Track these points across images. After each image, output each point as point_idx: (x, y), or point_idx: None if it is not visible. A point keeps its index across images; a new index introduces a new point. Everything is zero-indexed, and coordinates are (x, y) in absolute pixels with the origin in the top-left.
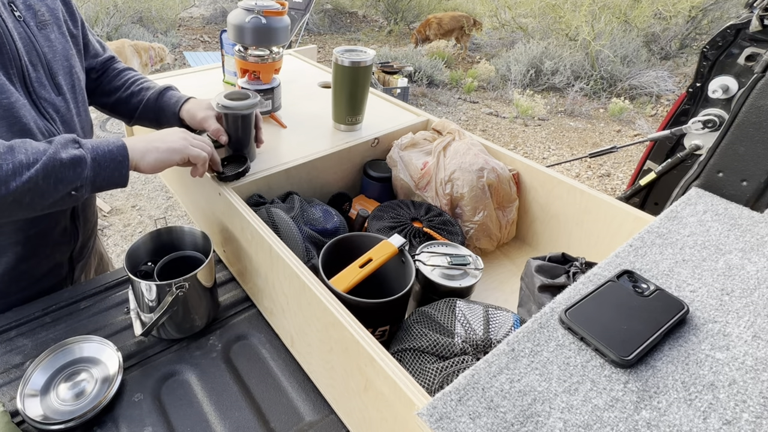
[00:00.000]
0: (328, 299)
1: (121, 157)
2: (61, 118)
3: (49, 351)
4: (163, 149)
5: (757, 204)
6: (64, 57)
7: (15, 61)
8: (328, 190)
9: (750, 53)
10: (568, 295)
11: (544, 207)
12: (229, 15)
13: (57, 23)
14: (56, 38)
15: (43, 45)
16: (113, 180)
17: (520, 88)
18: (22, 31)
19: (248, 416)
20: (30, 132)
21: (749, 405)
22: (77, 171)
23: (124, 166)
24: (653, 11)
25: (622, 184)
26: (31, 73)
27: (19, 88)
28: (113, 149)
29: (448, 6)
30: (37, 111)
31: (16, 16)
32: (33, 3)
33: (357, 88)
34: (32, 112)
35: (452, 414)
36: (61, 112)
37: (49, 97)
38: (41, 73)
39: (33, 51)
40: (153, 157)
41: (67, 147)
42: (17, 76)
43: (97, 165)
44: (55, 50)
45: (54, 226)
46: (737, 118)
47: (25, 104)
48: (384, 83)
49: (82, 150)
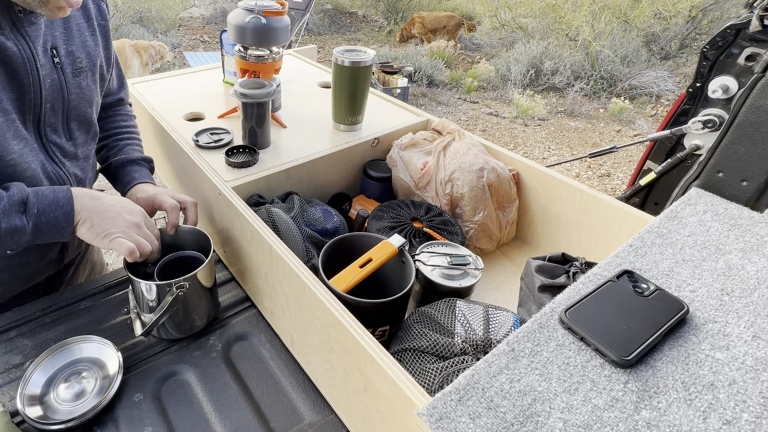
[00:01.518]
0: (328, 299)
1: (65, 223)
2: (70, 160)
3: (49, 351)
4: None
5: (757, 204)
6: (87, 103)
7: (35, 108)
8: (328, 190)
9: (750, 53)
10: (568, 295)
11: (544, 207)
12: (229, 15)
13: (92, 69)
14: (87, 85)
15: (72, 92)
16: (52, 239)
17: (520, 88)
18: (56, 78)
19: (248, 416)
20: (37, 178)
21: (749, 405)
22: (15, 239)
23: (65, 233)
24: (653, 11)
25: (622, 184)
26: (49, 119)
27: (31, 132)
28: (59, 217)
29: (448, 6)
30: (45, 154)
31: (55, 62)
32: (74, 50)
33: (357, 88)
34: (41, 156)
35: (452, 414)
36: (69, 155)
37: (59, 141)
38: (59, 118)
39: (59, 98)
40: (89, 234)
41: (11, 214)
42: (32, 121)
43: (37, 231)
44: (82, 96)
45: (40, 259)
46: (737, 118)
47: (35, 148)
48: (384, 83)
49: (24, 218)
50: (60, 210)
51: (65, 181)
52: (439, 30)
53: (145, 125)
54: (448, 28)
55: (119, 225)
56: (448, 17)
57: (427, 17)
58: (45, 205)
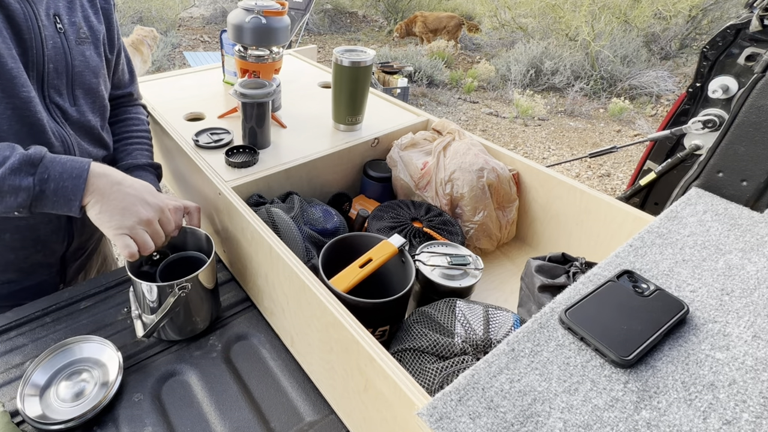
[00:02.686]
0: (328, 299)
1: (73, 195)
2: (72, 125)
3: (49, 351)
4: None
5: (757, 204)
6: (93, 74)
7: (38, 65)
8: (328, 190)
9: (750, 53)
10: (568, 295)
11: (544, 207)
12: (229, 15)
13: (95, 42)
14: (91, 55)
15: (76, 58)
16: (60, 209)
17: (520, 88)
18: (59, 42)
19: (248, 416)
20: (42, 128)
21: (749, 405)
22: (19, 200)
23: (72, 205)
24: (653, 11)
25: (622, 184)
26: (52, 80)
27: (35, 89)
28: (68, 187)
29: (448, 6)
30: (47, 113)
31: (58, 27)
32: (77, 20)
33: (357, 88)
34: (43, 113)
35: (452, 414)
36: (71, 119)
37: (62, 104)
38: (63, 81)
39: (63, 61)
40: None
41: (19, 172)
42: (35, 78)
43: (42, 195)
44: (87, 65)
45: (47, 222)
46: (737, 118)
47: (37, 103)
48: (384, 83)
49: (32, 180)
50: (71, 180)
51: (66, 139)
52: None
53: None
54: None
55: (129, 219)
56: (449, 17)
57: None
58: (57, 171)
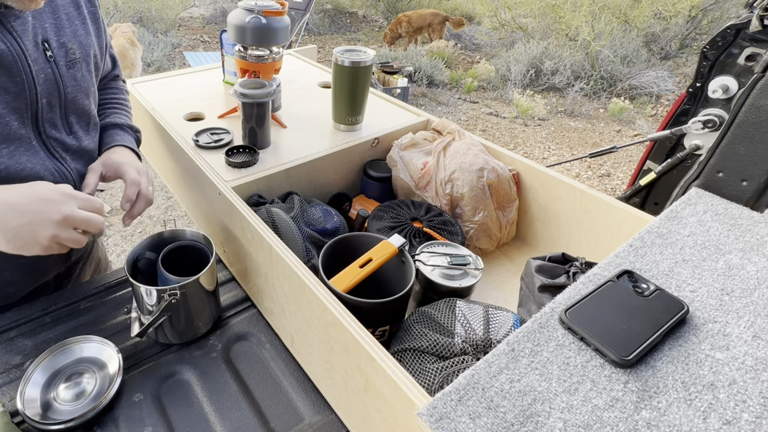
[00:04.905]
0: (328, 299)
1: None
2: (72, 155)
3: (49, 351)
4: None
5: (757, 204)
6: (84, 95)
7: (32, 105)
8: (328, 190)
9: (750, 53)
10: (568, 295)
11: (544, 207)
12: (229, 15)
13: (86, 60)
14: (82, 76)
15: (68, 84)
16: None
17: (520, 88)
18: (50, 72)
19: (248, 416)
20: (36, 177)
21: (749, 405)
22: None
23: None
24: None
25: (622, 184)
26: (46, 114)
27: (30, 130)
28: None
29: (448, 6)
30: (46, 151)
31: (47, 56)
32: (66, 41)
33: (357, 88)
34: (40, 154)
35: (452, 414)
36: (71, 149)
37: (59, 136)
38: (56, 113)
39: (55, 92)
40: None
41: None
42: (30, 119)
43: None
44: (78, 89)
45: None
46: (737, 118)
47: (33, 146)
48: (384, 83)
49: None
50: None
51: (67, 177)
52: (424, 28)
53: (145, 125)
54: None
55: (45, 230)
56: (432, 14)
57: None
58: None
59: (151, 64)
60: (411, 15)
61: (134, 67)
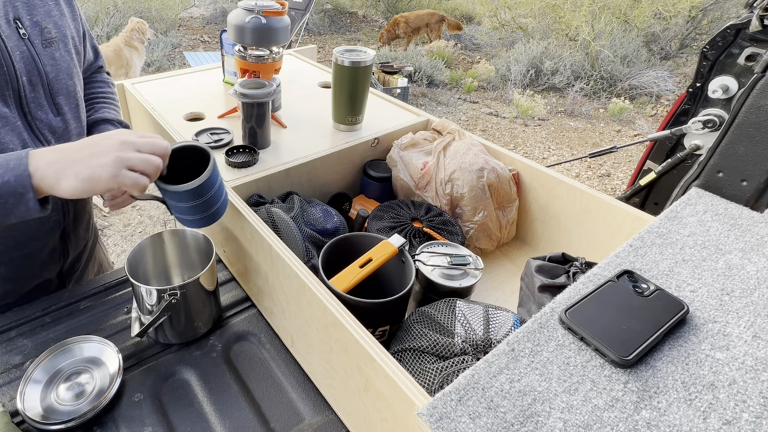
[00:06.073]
0: (328, 299)
1: (21, 188)
2: (58, 139)
3: (49, 351)
4: (83, 176)
5: (757, 204)
6: (67, 75)
7: (12, 82)
8: (328, 190)
9: (750, 53)
10: (568, 295)
11: (544, 207)
12: (229, 15)
13: (63, 40)
14: (61, 56)
15: (46, 64)
16: (17, 212)
17: (520, 88)
18: (26, 50)
19: (248, 416)
20: None
21: (749, 405)
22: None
23: (27, 200)
24: (653, 11)
25: (622, 184)
26: (29, 94)
27: (14, 110)
28: (10, 181)
29: (448, 6)
30: (30, 132)
31: (21, 33)
32: (40, 20)
33: (357, 88)
34: (23, 135)
35: (452, 414)
36: (58, 132)
37: (45, 118)
38: (40, 93)
39: (34, 70)
40: (70, 186)
41: None
42: (13, 98)
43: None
44: (59, 69)
45: (41, 248)
46: (737, 118)
47: (17, 126)
48: (384, 83)
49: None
50: (10, 172)
51: None
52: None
53: (145, 125)
54: (431, 25)
55: (108, 155)
56: (429, 14)
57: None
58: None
59: (151, 64)
60: (408, 15)
61: (130, 67)
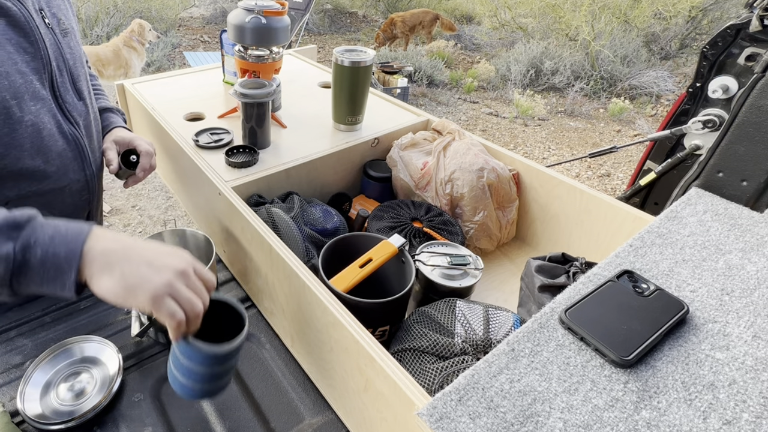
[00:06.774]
0: (328, 299)
1: (66, 264)
2: (84, 122)
3: (49, 351)
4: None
5: (757, 204)
6: (81, 64)
7: (47, 66)
8: (328, 190)
9: (750, 53)
10: (568, 295)
11: (544, 207)
12: (229, 15)
13: (73, 32)
14: (75, 45)
15: (66, 52)
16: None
17: (520, 88)
18: (52, 38)
19: (248, 416)
20: (53, 138)
21: (749, 405)
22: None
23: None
24: (653, 11)
25: (622, 184)
26: (58, 78)
27: (48, 92)
28: (59, 254)
29: (448, 6)
30: (62, 114)
31: (46, 23)
32: (56, 12)
33: (357, 88)
34: (58, 116)
35: (452, 414)
36: (83, 116)
37: (72, 101)
38: (66, 78)
39: (60, 57)
40: (108, 286)
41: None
42: (47, 81)
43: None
44: (75, 57)
45: None
46: (737, 118)
47: (52, 108)
48: (384, 83)
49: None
50: (64, 246)
51: (80, 142)
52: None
53: (145, 125)
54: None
55: (162, 274)
56: (423, 13)
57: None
58: (47, 235)
59: (151, 64)
60: (404, 15)
61: (129, 67)
